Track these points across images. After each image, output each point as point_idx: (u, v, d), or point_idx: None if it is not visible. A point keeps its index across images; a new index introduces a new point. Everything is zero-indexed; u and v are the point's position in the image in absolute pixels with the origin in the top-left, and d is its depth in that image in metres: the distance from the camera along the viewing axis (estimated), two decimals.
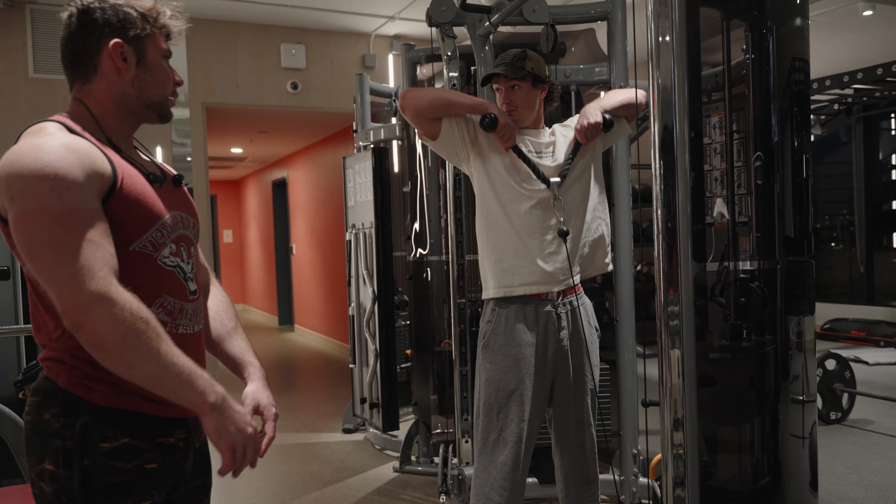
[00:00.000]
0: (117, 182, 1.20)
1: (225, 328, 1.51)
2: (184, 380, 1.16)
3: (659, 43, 1.61)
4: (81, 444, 1.18)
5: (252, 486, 3.75)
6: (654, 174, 1.63)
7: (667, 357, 1.59)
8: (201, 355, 1.38)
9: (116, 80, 1.28)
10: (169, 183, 1.36)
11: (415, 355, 4.14)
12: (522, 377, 2.16)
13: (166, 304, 1.27)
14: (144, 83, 1.30)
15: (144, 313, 1.13)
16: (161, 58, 1.34)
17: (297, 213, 9.51)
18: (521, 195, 2.17)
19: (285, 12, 5.90)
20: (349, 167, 4.52)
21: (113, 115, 1.30)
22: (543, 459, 3.01)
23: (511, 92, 2.22)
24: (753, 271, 1.71)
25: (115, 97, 1.29)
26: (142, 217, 1.23)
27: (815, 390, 1.77)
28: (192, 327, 1.33)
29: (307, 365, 7.56)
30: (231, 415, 1.21)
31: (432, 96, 2.22)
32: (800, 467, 1.73)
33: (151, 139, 5.79)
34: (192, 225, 1.38)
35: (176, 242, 1.30)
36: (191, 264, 1.34)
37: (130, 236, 1.22)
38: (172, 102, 1.38)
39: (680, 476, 1.59)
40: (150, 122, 1.36)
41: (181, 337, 1.28)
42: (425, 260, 3.98)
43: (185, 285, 1.31)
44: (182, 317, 1.30)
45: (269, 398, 1.44)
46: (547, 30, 3.00)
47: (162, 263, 1.26)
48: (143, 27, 1.29)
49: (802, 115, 1.74)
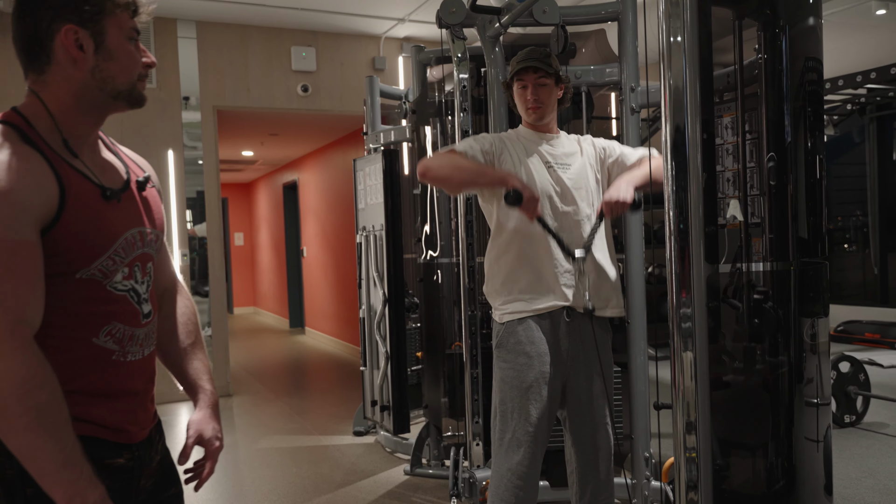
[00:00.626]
0: (65, 207, 1.07)
1: (182, 344, 1.40)
2: (55, 469, 1.02)
3: (670, 43, 1.60)
4: (22, 471, 1.05)
5: (263, 488, 3.76)
6: (665, 175, 1.62)
7: (679, 360, 1.58)
8: (151, 377, 1.27)
9: (73, 71, 1.12)
10: (132, 190, 1.23)
11: (425, 358, 4.13)
12: (536, 375, 2.15)
13: (115, 331, 1.16)
14: (107, 72, 1.14)
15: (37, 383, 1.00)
16: (126, 39, 1.16)
17: (308, 216, 9.54)
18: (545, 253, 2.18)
19: (296, 15, 5.93)
20: (359, 169, 4.53)
21: (72, 111, 1.14)
22: (555, 463, 3.00)
23: (538, 88, 2.22)
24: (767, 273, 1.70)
25: (73, 90, 1.13)
26: (92, 245, 1.11)
27: (829, 393, 1.75)
28: (143, 352, 1.22)
29: (318, 367, 7.57)
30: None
31: (455, 177, 2.16)
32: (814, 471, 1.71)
33: (162, 142, 5.83)
34: (154, 239, 1.26)
35: (130, 265, 1.17)
36: (146, 283, 1.22)
37: (77, 265, 1.10)
38: (143, 86, 1.21)
39: (693, 480, 1.57)
40: (119, 111, 1.21)
41: (130, 365, 1.18)
42: (436, 262, 3.98)
43: (137, 309, 1.19)
44: (132, 343, 1.19)
45: (214, 430, 1.34)
46: (557, 30, 2.99)
47: (112, 289, 1.15)
48: (101, 5, 1.12)
49: (816, 115, 1.73)
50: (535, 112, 2.24)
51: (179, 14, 5.81)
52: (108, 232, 1.14)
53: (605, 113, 3.49)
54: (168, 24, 5.85)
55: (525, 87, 2.24)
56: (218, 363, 6.11)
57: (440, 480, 3.74)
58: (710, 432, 1.59)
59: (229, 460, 4.28)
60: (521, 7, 2.78)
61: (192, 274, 6.04)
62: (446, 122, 3.87)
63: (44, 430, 1.01)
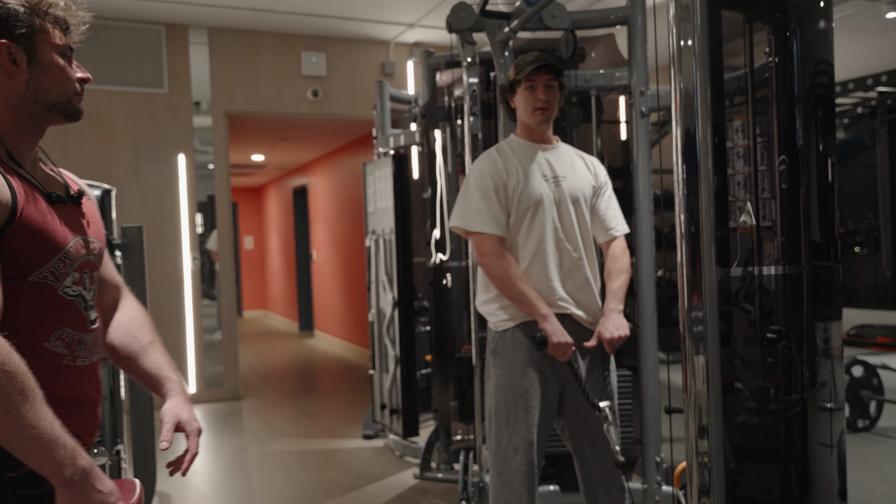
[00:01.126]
0: (17, 211, 1.11)
1: (139, 343, 1.43)
2: (40, 446, 1.04)
3: (681, 47, 1.59)
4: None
5: (272, 492, 3.77)
6: (676, 179, 1.62)
7: (691, 364, 1.57)
8: (98, 386, 1.30)
9: (9, 84, 1.17)
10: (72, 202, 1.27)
11: (435, 361, 4.13)
12: (531, 381, 2.14)
13: (65, 335, 1.19)
14: (40, 84, 1.20)
15: (11, 366, 1.02)
16: (57, 55, 1.22)
17: (318, 220, 9.57)
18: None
19: (306, 21, 5.95)
20: (369, 173, 4.54)
21: (11, 123, 1.19)
22: (566, 467, 2.99)
23: (548, 90, 2.20)
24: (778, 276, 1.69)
25: (11, 103, 1.18)
26: (44, 247, 1.15)
27: (843, 397, 1.73)
28: (91, 358, 1.25)
29: (327, 371, 7.58)
30: (90, 494, 1.09)
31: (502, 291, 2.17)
32: (828, 476, 1.70)
33: (174, 147, 5.87)
34: (97, 248, 1.30)
35: (79, 270, 1.22)
36: (92, 291, 1.27)
37: (29, 268, 1.14)
38: (80, 99, 1.27)
39: (705, 485, 1.57)
40: (56, 124, 1.26)
41: (78, 370, 1.22)
42: (445, 266, 3.98)
43: (85, 315, 1.23)
44: (81, 348, 1.22)
45: (190, 412, 1.36)
46: (567, 35, 2.99)
47: (63, 294, 1.19)
48: (32, 22, 1.17)
49: (827, 118, 1.72)
50: (543, 114, 2.21)
51: (191, 21, 5.85)
52: (58, 235, 1.18)
53: (614, 117, 3.49)
54: (180, 31, 5.89)
55: (534, 88, 2.20)
56: (228, 366, 6.13)
57: (450, 484, 3.74)
58: (723, 437, 1.59)
59: (239, 463, 4.29)
60: (530, 12, 2.79)
61: (202, 277, 6.07)
62: (456, 127, 3.88)
63: (24, 411, 1.03)
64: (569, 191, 2.22)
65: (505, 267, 2.13)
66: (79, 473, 1.08)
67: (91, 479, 1.10)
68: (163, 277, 5.85)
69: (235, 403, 5.96)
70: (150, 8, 5.51)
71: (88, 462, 1.10)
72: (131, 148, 5.78)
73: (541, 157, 2.24)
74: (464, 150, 3.28)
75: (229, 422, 5.32)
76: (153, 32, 5.81)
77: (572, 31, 2.97)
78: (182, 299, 5.95)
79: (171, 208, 5.92)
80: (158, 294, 5.77)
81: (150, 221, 5.74)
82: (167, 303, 5.89)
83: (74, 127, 5.58)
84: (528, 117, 2.24)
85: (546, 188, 2.19)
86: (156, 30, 5.82)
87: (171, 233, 5.92)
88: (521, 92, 2.23)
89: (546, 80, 2.19)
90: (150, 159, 5.84)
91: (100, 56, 5.66)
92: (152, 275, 5.60)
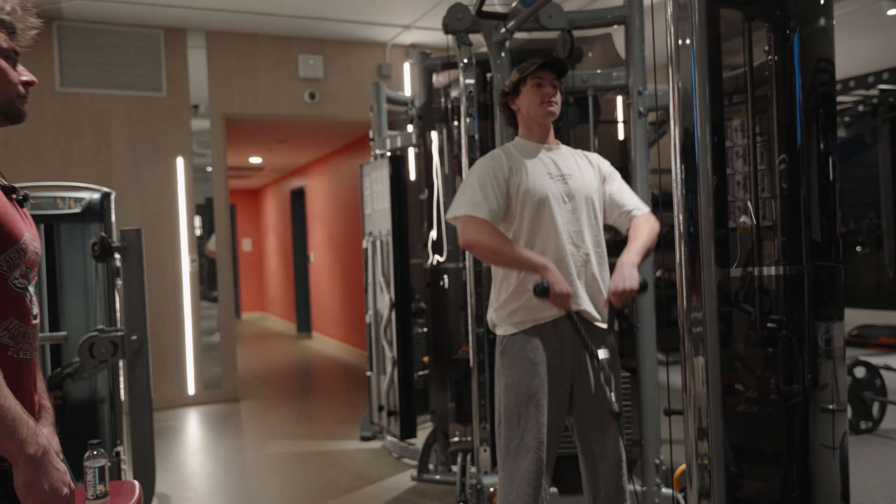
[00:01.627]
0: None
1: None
2: (5, 424, 1.08)
3: (679, 46, 1.58)
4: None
5: (270, 494, 3.75)
6: (674, 179, 1.60)
7: (691, 365, 1.56)
8: (35, 381, 1.31)
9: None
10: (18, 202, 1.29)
11: (432, 363, 4.12)
12: (542, 381, 2.13)
13: (12, 326, 1.21)
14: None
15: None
16: (1, 57, 1.24)
17: (315, 222, 9.56)
18: None
19: (303, 24, 5.94)
20: (366, 175, 4.52)
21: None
22: (564, 468, 2.97)
23: (553, 88, 2.21)
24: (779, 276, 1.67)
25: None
26: (4, 235, 1.18)
27: (845, 399, 1.71)
28: (31, 353, 1.26)
29: (325, 372, 7.57)
30: (49, 471, 1.12)
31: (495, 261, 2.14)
32: (830, 479, 1.68)
33: (172, 149, 5.86)
34: (38, 249, 1.32)
35: (27, 265, 1.24)
36: (33, 287, 1.29)
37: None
38: (23, 101, 1.28)
39: (706, 487, 1.55)
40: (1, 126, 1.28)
41: (21, 363, 1.23)
42: (442, 267, 3.97)
43: (29, 308, 1.25)
44: (24, 341, 1.24)
45: (56, 446, 1.31)
46: (563, 35, 2.98)
47: (13, 285, 1.21)
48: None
49: (828, 116, 1.70)
50: (552, 106, 2.20)
51: (189, 25, 5.84)
52: (16, 226, 1.21)
53: (611, 117, 3.47)
54: (178, 35, 5.88)
55: (542, 85, 2.20)
56: (226, 368, 6.11)
57: (447, 486, 3.72)
58: (723, 439, 1.57)
59: (237, 465, 4.27)
60: (527, 12, 2.77)
61: (200, 279, 6.06)
62: (452, 128, 3.87)
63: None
64: (576, 188, 2.21)
65: (490, 237, 2.09)
66: (41, 451, 1.12)
67: (51, 456, 1.14)
68: (161, 280, 5.83)
69: (234, 405, 5.94)
70: (148, 12, 5.50)
71: (47, 441, 1.14)
72: (130, 151, 5.77)
73: (545, 157, 2.24)
74: (460, 151, 3.26)
75: (227, 423, 5.30)
76: (152, 36, 5.80)
77: (569, 32, 2.95)
78: (181, 301, 5.94)
79: (169, 211, 5.90)
80: (158, 296, 5.76)
81: (148, 224, 5.72)
82: (166, 305, 5.87)
83: (74, 130, 5.58)
84: (536, 111, 2.23)
85: (552, 185, 2.19)
86: (154, 34, 5.80)
87: (170, 235, 5.90)
88: (528, 90, 2.23)
89: (551, 78, 2.20)
90: (148, 162, 5.83)
91: (99, 60, 5.65)
92: (151, 277, 5.58)
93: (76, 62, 5.58)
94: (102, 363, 2.66)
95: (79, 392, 3.39)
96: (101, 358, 2.60)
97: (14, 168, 5.35)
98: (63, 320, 3.38)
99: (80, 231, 3.43)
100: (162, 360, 5.81)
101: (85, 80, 5.63)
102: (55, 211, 3.37)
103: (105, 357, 2.59)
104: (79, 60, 5.60)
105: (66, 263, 3.40)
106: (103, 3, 5.25)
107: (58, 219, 3.37)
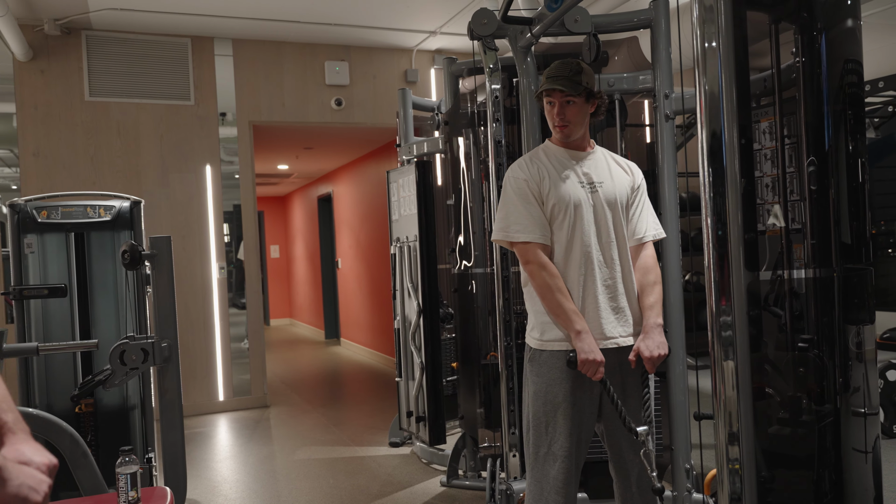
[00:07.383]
0: None
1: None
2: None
3: (705, 48, 1.58)
4: None
5: (300, 499, 3.78)
6: (702, 182, 1.60)
7: (720, 369, 1.55)
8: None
9: None
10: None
11: (461, 368, 4.13)
12: (571, 388, 2.13)
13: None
14: None
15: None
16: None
17: (343, 228, 9.62)
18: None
19: (329, 31, 6.01)
20: (393, 181, 4.55)
21: None
22: (594, 474, 2.96)
23: (565, 107, 2.18)
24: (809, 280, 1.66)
25: None
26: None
27: (877, 402, 1.69)
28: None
29: (353, 378, 7.61)
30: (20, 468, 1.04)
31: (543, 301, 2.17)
32: (863, 483, 1.66)
33: (201, 157, 5.95)
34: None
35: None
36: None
37: None
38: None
39: (737, 492, 1.54)
40: None
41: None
42: (470, 272, 3.98)
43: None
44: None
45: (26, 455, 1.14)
46: (589, 39, 2.98)
47: None
48: None
49: (857, 118, 1.69)
50: (562, 130, 2.21)
51: (216, 33, 5.94)
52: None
53: (638, 120, 3.46)
54: (205, 43, 5.98)
55: (552, 105, 2.20)
56: (255, 374, 6.18)
57: (477, 492, 3.72)
58: (754, 443, 1.56)
59: (267, 471, 4.32)
60: (552, 17, 2.78)
61: (229, 286, 6.14)
62: (479, 133, 3.88)
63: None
64: (605, 197, 2.20)
65: (547, 278, 2.13)
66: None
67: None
68: (191, 287, 5.92)
69: (263, 411, 6.00)
70: (175, 21, 5.60)
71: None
72: (159, 159, 5.88)
73: (576, 164, 2.23)
74: (487, 156, 3.28)
75: (257, 430, 5.36)
76: (179, 45, 5.91)
77: (595, 35, 2.95)
78: (210, 308, 6.02)
79: (198, 218, 6.00)
80: (187, 303, 5.85)
81: (177, 232, 5.82)
82: (195, 312, 5.96)
83: (104, 139, 5.70)
84: (553, 129, 2.26)
85: (583, 194, 2.18)
86: (181, 43, 5.91)
87: (199, 242, 5.99)
88: (545, 106, 2.25)
89: (562, 97, 2.18)
90: (177, 170, 5.93)
91: (128, 70, 5.77)
92: (180, 284, 5.67)
93: (105, 72, 5.70)
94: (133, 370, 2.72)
95: (110, 399, 3.46)
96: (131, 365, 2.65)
97: (45, 177, 5.49)
98: (94, 328, 3.45)
99: (111, 239, 3.50)
100: (192, 366, 5.90)
101: (114, 90, 5.74)
102: (86, 219, 3.45)
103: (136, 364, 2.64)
104: (107, 70, 5.72)
105: (97, 271, 3.47)
106: (131, 13, 5.37)
107: (88, 227, 3.45)
